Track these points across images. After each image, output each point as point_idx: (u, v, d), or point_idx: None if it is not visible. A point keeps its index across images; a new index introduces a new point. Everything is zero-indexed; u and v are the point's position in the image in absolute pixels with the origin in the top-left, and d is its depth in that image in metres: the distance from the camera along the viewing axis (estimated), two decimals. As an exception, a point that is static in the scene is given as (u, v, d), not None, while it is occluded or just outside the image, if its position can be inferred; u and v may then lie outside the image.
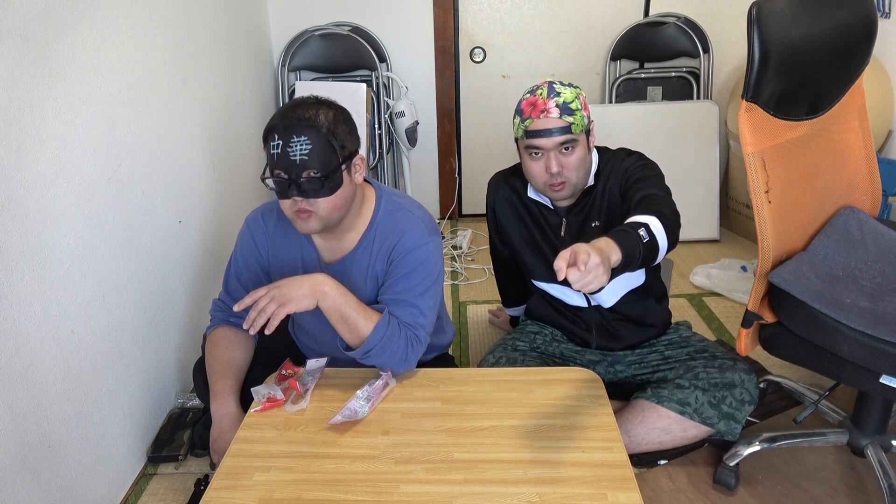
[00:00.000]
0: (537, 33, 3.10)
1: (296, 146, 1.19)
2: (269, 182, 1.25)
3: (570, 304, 1.72)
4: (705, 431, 1.52)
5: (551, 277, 1.68)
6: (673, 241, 1.29)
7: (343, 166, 1.24)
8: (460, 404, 1.27)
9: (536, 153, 1.49)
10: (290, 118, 1.21)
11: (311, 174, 1.20)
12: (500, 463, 1.11)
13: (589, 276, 1.02)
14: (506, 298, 2.04)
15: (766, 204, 1.28)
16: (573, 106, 1.46)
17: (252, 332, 1.22)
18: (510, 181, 1.70)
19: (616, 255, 1.12)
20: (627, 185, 1.51)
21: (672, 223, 1.31)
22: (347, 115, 1.29)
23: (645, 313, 1.69)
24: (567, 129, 1.46)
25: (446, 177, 3.33)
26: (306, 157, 1.19)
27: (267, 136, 1.24)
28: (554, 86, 1.48)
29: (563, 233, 1.62)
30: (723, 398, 1.50)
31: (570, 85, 1.50)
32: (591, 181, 1.58)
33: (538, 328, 1.80)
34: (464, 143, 3.30)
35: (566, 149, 1.48)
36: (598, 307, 1.69)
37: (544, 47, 3.12)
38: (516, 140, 1.55)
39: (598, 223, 1.58)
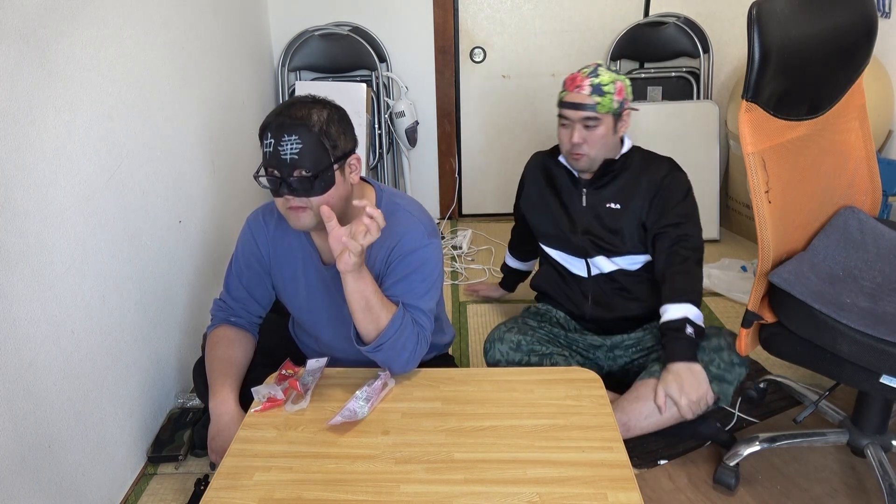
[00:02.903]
0: (537, 33, 3.10)
1: (287, 145, 1.19)
2: (263, 180, 1.25)
3: (572, 272, 1.88)
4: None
5: (558, 244, 1.87)
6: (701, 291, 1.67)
7: (335, 166, 1.24)
8: (460, 404, 1.27)
9: (565, 122, 1.70)
10: (284, 117, 1.21)
11: (302, 173, 1.21)
12: (500, 463, 1.11)
13: (698, 405, 1.51)
14: (512, 245, 2.24)
15: (766, 204, 1.28)
16: (606, 88, 1.64)
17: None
18: (547, 153, 1.91)
19: (702, 373, 1.53)
20: (666, 207, 1.71)
21: (697, 281, 1.69)
22: (343, 114, 1.29)
23: (640, 287, 1.81)
24: (593, 107, 1.65)
25: (446, 177, 3.33)
26: (297, 157, 1.19)
27: (261, 133, 1.24)
28: (599, 68, 1.67)
29: (584, 203, 1.80)
30: (710, 360, 1.57)
31: (616, 72, 1.69)
32: (617, 164, 1.75)
33: (546, 308, 1.93)
34: (464, 143, 3.30)
35: (590, 125, 1.66)
36: (598, 277, 1.84)
37: (544, 47, 3.12)
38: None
39: (617, 206, 1.76)
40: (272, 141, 1.21)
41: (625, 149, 1.77)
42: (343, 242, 1.17)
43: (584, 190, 1.79)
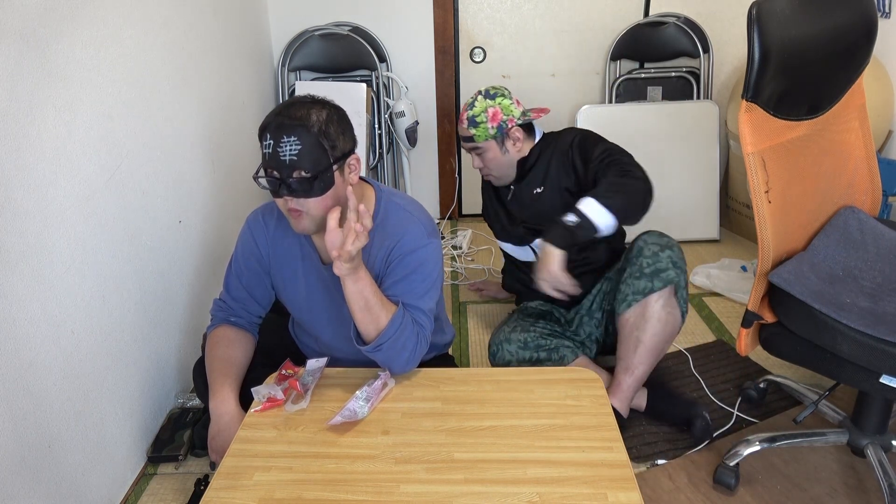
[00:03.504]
0: (537, 33, 3.10)
1: (286, 146, 1.19)
2: (262, 181, 1.25)
3: (525, 261, 2.04)
4: (670, 292, 1.66)
5: (505, 237, 2.06)
6: (629, 199, 1.61)
7: (334, 166, 1.24)
8: (460, 404, 1.27)
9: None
10: (283, 117, 1.21)
11: (301, 174, 1.21)
12: (500, 463, 1.11)
13: (554, 285, 1.55)
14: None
15: (766, 204, 1.28)
16: (479, 119, 1.83)
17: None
18: None
19: (555, 255, 1.54)
20: (587, 156, 1.78)
21: (617, 185, 1.62)
22: (342, 114, 1.29)
23: (592, 257, 1.90)
24: (471, 139, 1.87)
25: (446, 177, 3.33)
26: (296, 158, 1.19)
27: (260, 134, 1.24)
28: (477, 98, 1.84)
29: (510, 198, 1.99)
30: (643, 263, 1.68)
31: (491, 97, 1.84)
32: (530, 158, 1.89)
33: (524, 306, 2.03)
34: (464, 143, 3.30)
35: (479, 152, 1.90)
36: None
37: (544, 47, 3.12)
38: None
39: (540, 189, 1.89)
40: (271, 142, 1.21)
41: (538, 138, 1.92)
42: (333, 257, 1.18)
43: (512, 188, 1.97)
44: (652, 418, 1.78)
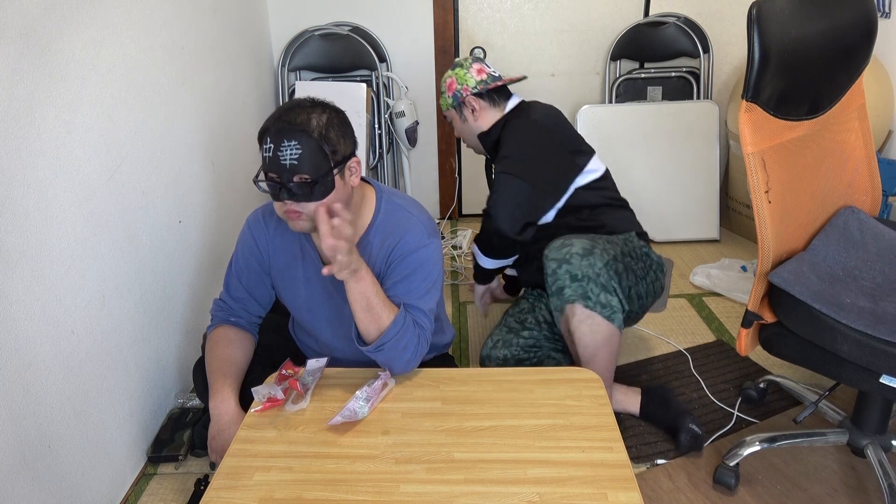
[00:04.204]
0: (537, 33, 3.10)
1: (286, 150, 1.19)
2: (262, 185, 1.25)
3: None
4: (579, 308, 1.61)
5: None
6: (485, 243, 1.84)
7: (335, 171, 1.24)
8: (460, 404, 1.27)
9: None
10: (283, 122, 1.20)
11: (302, 178, 1.21)
12: (500, 463, 1.11)
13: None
14: None
15: (766, 204, 1.28)
16: (442, 89, 1.96)
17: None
18: None
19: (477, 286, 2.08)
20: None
21: (482, 228, 1.82)
22: (343, 117, 1.28)
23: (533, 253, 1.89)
24: (441, 110, 2.02)
25: (446, 177, 3.33)
26: (296, 162, 1.19)
27: (261, 138, 1.24)
28: (448, 70, 1.94)
29: (492, 174, 2.02)
30: (558, 277, 1.62)
31: (452, 66, 1.93)
32: (491, 133, 1.90)
33: (523, 298, 2.01)
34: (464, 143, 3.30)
35: (448, 122, 2.02)
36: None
37: (544, 47, 3.12)
38: None
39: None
40: (271, 146, 1.20)
41: (509, 108, 1.92)
42: (325, 272, 1.18)
43: (494, 165, 1.95)
44: (646, 421, 1.77)
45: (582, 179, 1.82)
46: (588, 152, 1.85)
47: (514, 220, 1.73)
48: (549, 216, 1.82)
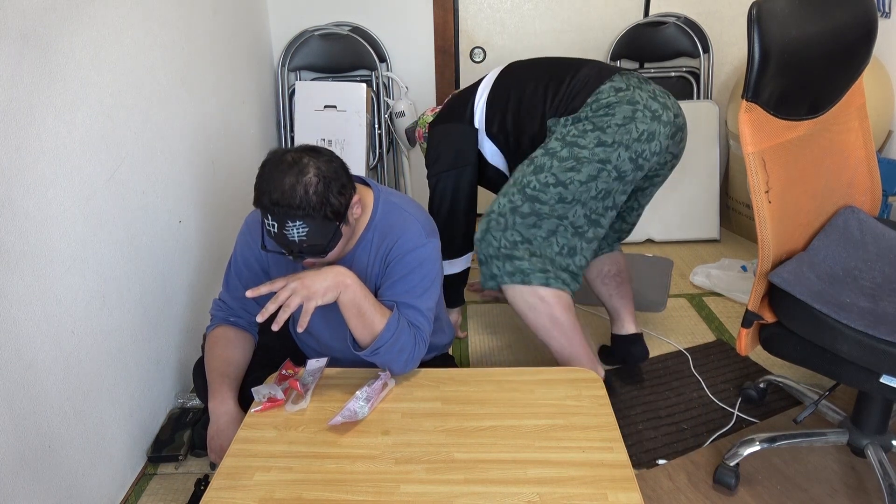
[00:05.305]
0: (537, 33, 3.10)
1: (292, 230, 1.19)
2: (270, 245, 1.30)
3: None
4: (507, 287, 1.65)
5: None
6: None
7: (340, 224, 1.25)
8: (460, 404, 1.27)
9: None
10: (283, 207, 1.16)
11: (313, 245, 1.22)
12: (500, 463, 1.11)
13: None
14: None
15: (766, 204, 1.28)
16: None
17: (261, 319, 1.21)
18: None
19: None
20: None
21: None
22: (334, 166, 1.22)
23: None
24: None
25: (446, 177, 3.33)
26: (305, 238, 1.20)
27: (260, 211, 1.21)
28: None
29: None
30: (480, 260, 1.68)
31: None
32: None
33: None
34: (464, 143, 3.30)
35: None
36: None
37: (544, 47, 3.12)
38: None
39: None
40: (275, 224, 1.19)
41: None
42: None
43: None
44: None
45: (479, 103, 1.84)
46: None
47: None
48: (487, 153, 1.84)
